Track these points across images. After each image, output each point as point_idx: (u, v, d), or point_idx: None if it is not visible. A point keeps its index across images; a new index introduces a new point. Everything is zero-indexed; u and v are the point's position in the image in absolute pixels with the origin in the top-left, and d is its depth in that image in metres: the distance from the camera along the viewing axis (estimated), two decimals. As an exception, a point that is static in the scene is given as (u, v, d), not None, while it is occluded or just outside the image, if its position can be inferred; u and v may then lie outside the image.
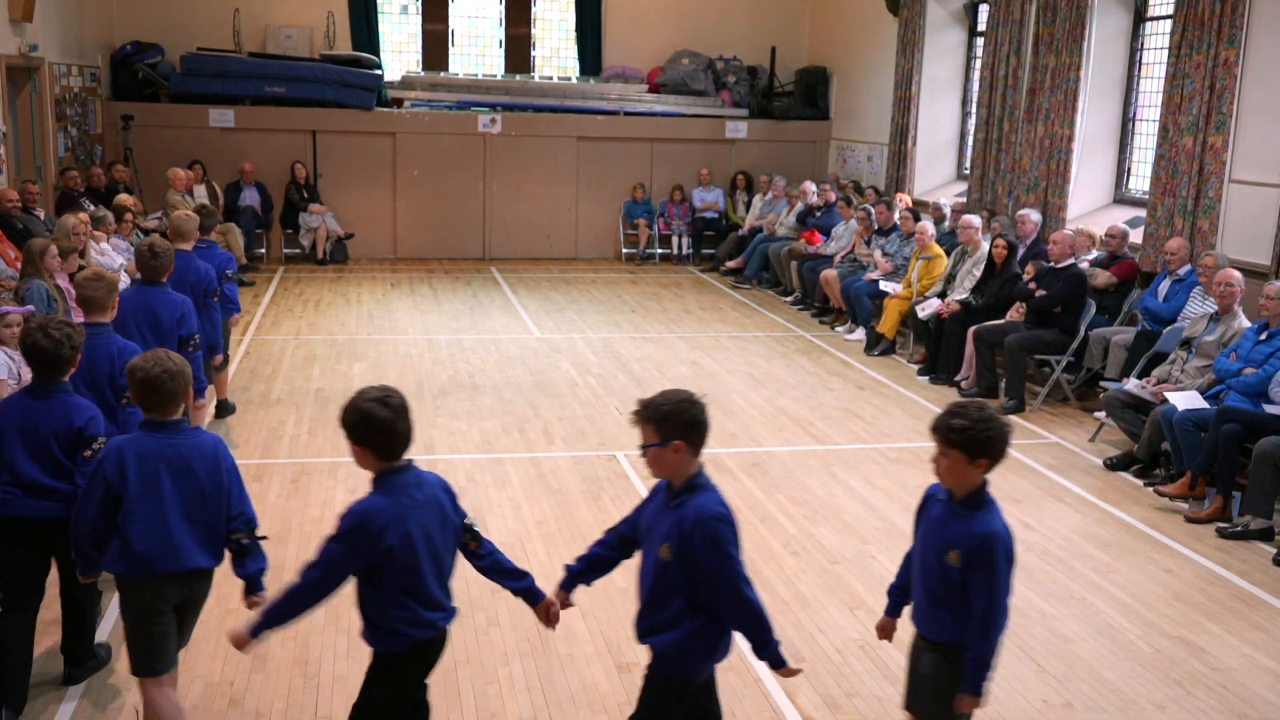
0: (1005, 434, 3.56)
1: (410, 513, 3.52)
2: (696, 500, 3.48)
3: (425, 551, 3.57)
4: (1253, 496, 6.77)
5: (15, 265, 8.84)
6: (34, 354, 4.39)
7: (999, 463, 3.58)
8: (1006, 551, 3.60)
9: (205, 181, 14.61)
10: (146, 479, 3.90)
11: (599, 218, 16.94)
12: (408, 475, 3.58)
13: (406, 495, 3.54)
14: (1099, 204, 11.81)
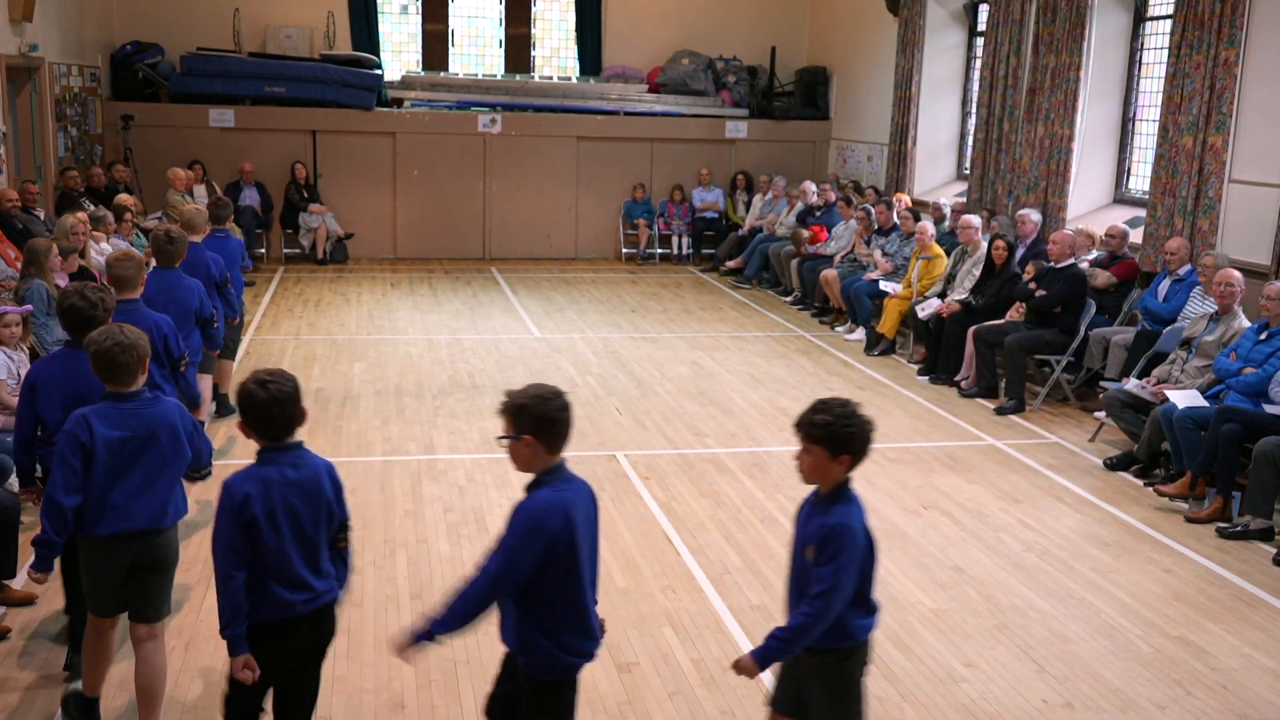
0: (867, 431, 3.51)
1: (276, 488, 3.58)
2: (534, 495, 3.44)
3: (289, 528, 3.60)
4: (1253, 496, 6.77)
5: (15, 265, 8.84)
6: (70, 315, 4.63)
7: (861, 460, 3.53)
8: (854, 547, 3.49)
9: (205, 181, 14.61)
10: (111, 448, 4.04)
11: (599, 218, 16.94)
12: (287, 454, 3.65)
13: (277, 471, 3.60)
14: (1099, 204, 11.81)
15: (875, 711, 4.77)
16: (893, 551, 6.44)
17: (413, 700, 4.74)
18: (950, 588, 5.99)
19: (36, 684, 4.80)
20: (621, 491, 7.25)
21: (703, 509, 7.00)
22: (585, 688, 4.86)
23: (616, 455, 7.98)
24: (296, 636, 3.69)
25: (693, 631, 5.42)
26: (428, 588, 5.78)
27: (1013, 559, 6.40)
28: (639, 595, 5.78)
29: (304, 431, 7.08)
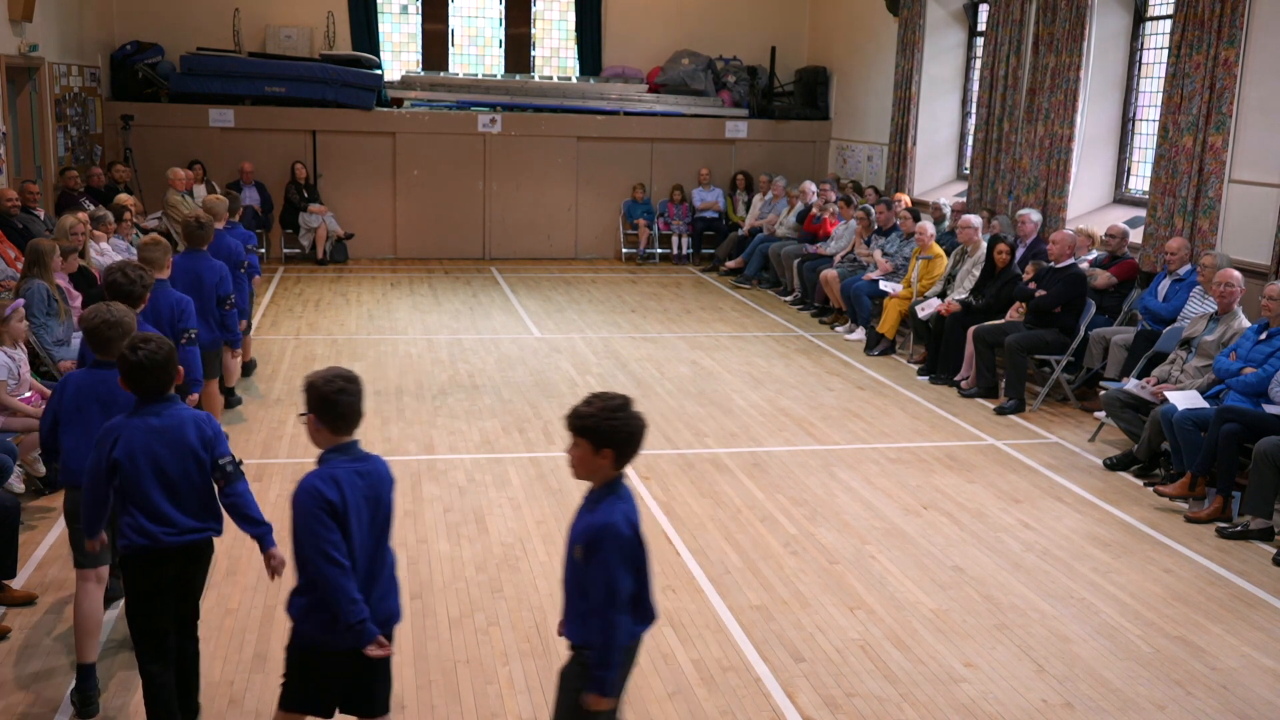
0: (632, 427, 3.52)
1: (137, 435, 4.06)
2: (308, 474, 3.69)
3: (149, 470, 4.07)
4: (1253, 496, 6.77)
5: (15, 265, 8.84)
6: (113, 289, 5.41)
7: (627, 457, 3.53)
8: (618, 543, 3.49)
9: (205, 181, 14.60)
10: (79, 405, 4.61)
11: (599, 218, 16.94)
12: (153, 407, 4.12)
13: (141, 421, 4.09)
14: (1099, 204, 11.81)
15: (876, 711, 4.77)
16: (893, 551, 6.45)
17: (413, 700, 4.74)
18: (950, 588, 6.00)
19: (37, 684, 4.80)
20: (621, 491, 7.25)
21: (703, 509, 7.00)
22: (585, 688, 4.86)
23: (616, 455, 7.97)
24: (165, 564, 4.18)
25: (693, 631, 5.42)
26: (427, 588, 5.78)
27: (1013, 559, 6.40)
28: (639, 595, 5.78)
29: (304, 431, 7.07)
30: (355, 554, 3.72)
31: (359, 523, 3.74)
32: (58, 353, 7.72)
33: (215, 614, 5.42)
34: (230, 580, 5.81)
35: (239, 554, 6.11)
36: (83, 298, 8.77)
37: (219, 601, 5.56)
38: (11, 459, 6.20)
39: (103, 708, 4.61)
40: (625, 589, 3.46)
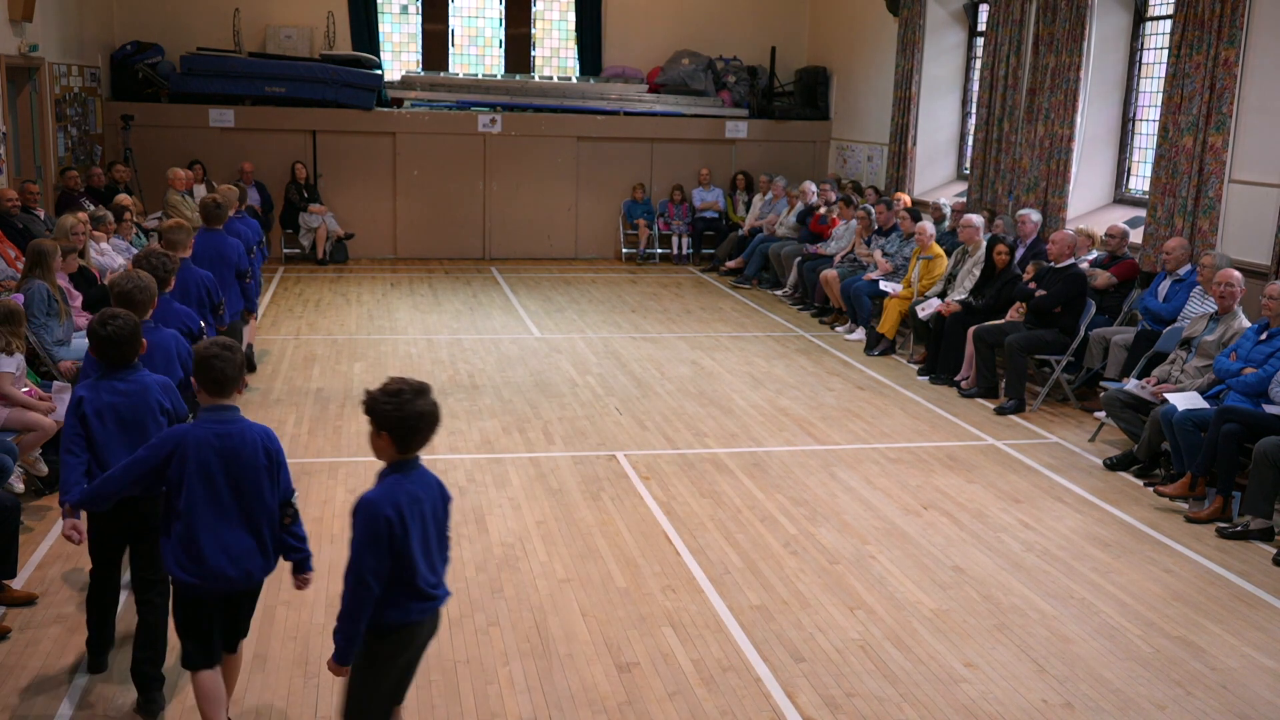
0: (405, 412, 3.53)
1: (104, 396, 4.52)
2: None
3: (115, 428, 4.48)
4: (1253, 496, 6.77)
5: (15, 265, 8.84)
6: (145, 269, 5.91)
7: (407, 441, 3.59)
8: (367, 521, 3.54)
9: (205, 181, 14.59)
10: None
11: (599, 218, 16.94)
12: (120, 373, 4.55)
13: (109, 384, 4.53)
14: (1099, 204, 11.81)
15: (876, 711, 4.77)
16: (893, 551, 6.45)
17: (413, 700, 4.74)
18: (950, 588, 5.99)
19: (37, 684, 4.80)
20: (621, 491, 7.26)
21: (703, 509, 7.00)
22: (585, 687, 4.87)
23: (616, 455, 7.98)
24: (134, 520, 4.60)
25: (693, 631, 5.42)
26: (428, 588, 5.78)
27: (1013, 559, 6.40)
28: (639, 595, 5.78)
29: (304, 431, 7.16)
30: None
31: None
32: (58, 353, 7.72)
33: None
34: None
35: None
36: (83, 298, 8.77)
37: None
38: (12, 459, 6.20)
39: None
40: (369, 565, 3.53)
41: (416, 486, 3.65)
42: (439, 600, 3.74)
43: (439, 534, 3.75)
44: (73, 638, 5.18)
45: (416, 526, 3.62)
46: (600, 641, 5.29)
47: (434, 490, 3.72)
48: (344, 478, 7.34)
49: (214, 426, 4.01)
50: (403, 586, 3.62)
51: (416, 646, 3.78)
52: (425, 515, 3.66)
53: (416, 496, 3.64)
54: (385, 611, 3.62)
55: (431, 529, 3.69)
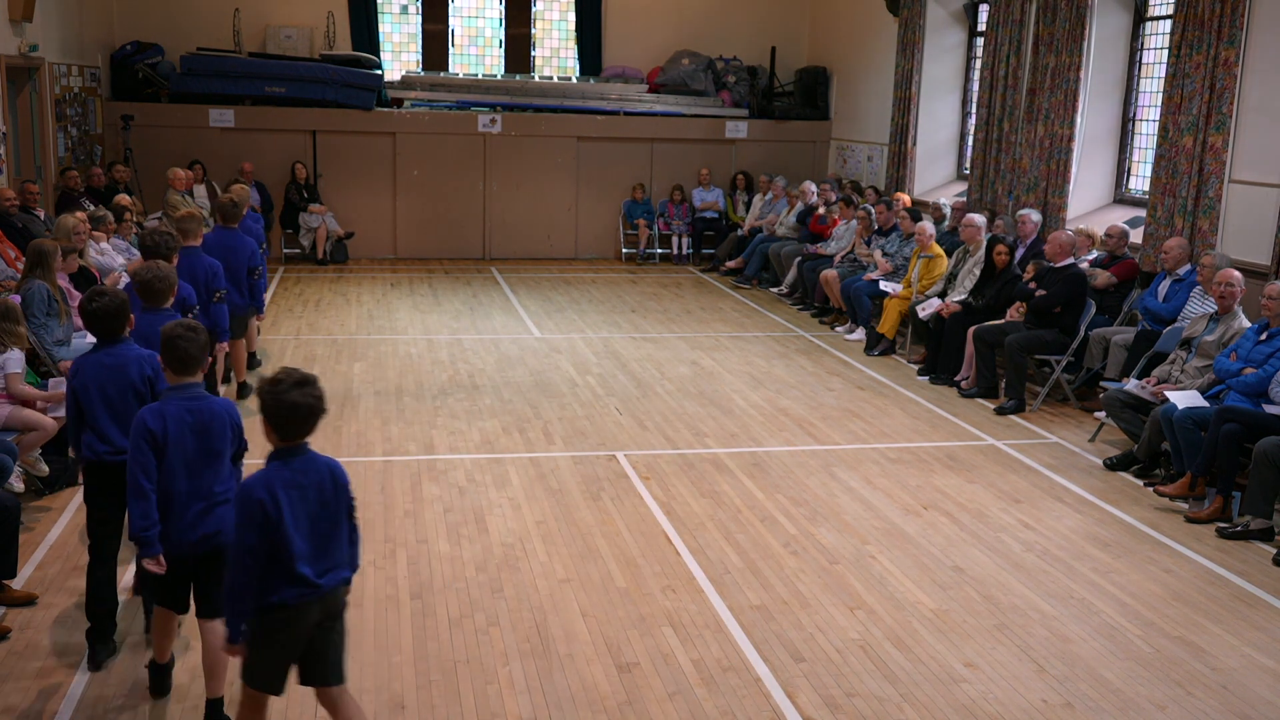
0: (278, 403, 3.70)
1: (90, 369, 4.86)
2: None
3: (98, 396, 4.82)
4: (1252, 496, 6.77)
5: (15, 265, 8.83)
6: (149, 249, 6.84)
7: (283, 430, 3.74)
8: (242, 504, 3.72)
9: (205, 181, 14.60)
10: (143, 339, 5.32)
11: (599, 218, 16.94)
12: (108, 348, 4.93)
13: (96, 358, 4.90)
14: (1099, 204, 11.81)
15: (876, 711, 4.77)
16: (893, 551, 6.45)
17: (413, 700, 4.74)
18: (950, 588, 5.99)
19: (37, 684, 4.80)
20: (621, 491, 7.25)
21: (703, 509, 7.00)
22: (585, 687, 4.87)
23: (616, 455, 7.98)
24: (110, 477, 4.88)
25: (693, 631, 5.42)
26: (427, 588, 5.78)
27: (1013, 559, 6.40)
28: (639, 595, 5.78)
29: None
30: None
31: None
32: (58, 353, 7.72)
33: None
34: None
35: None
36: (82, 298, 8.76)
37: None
38: (12, 459, 6.20)
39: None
40: (248, 544, 3.69)
41: (297, 474, 3.76)
42: (320, 589, 3.81)
43: (330, 520, 3.84)
44: (73, 637, 5.18)
45: (291, 512, 3.72)
46: (600, 641, 5.29)
47: (322, 477, 3.81)
48: (344, 478, 7.34)
49: (184, 403, 4.34)
50: (279, 569, 3.74)
51: (301, 628, 3.84)
52: (308, 501, 3.77)
53: (296, 483, 3.75)
54: (264, 592, 3.75)
55: (319, 515, 3.80)
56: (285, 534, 3.70)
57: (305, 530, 3.77)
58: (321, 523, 3.82)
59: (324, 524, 3.82)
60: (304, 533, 3.77)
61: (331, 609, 3.90)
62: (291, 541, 3.72)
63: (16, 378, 6.61)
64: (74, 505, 6.73)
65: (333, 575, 3.86)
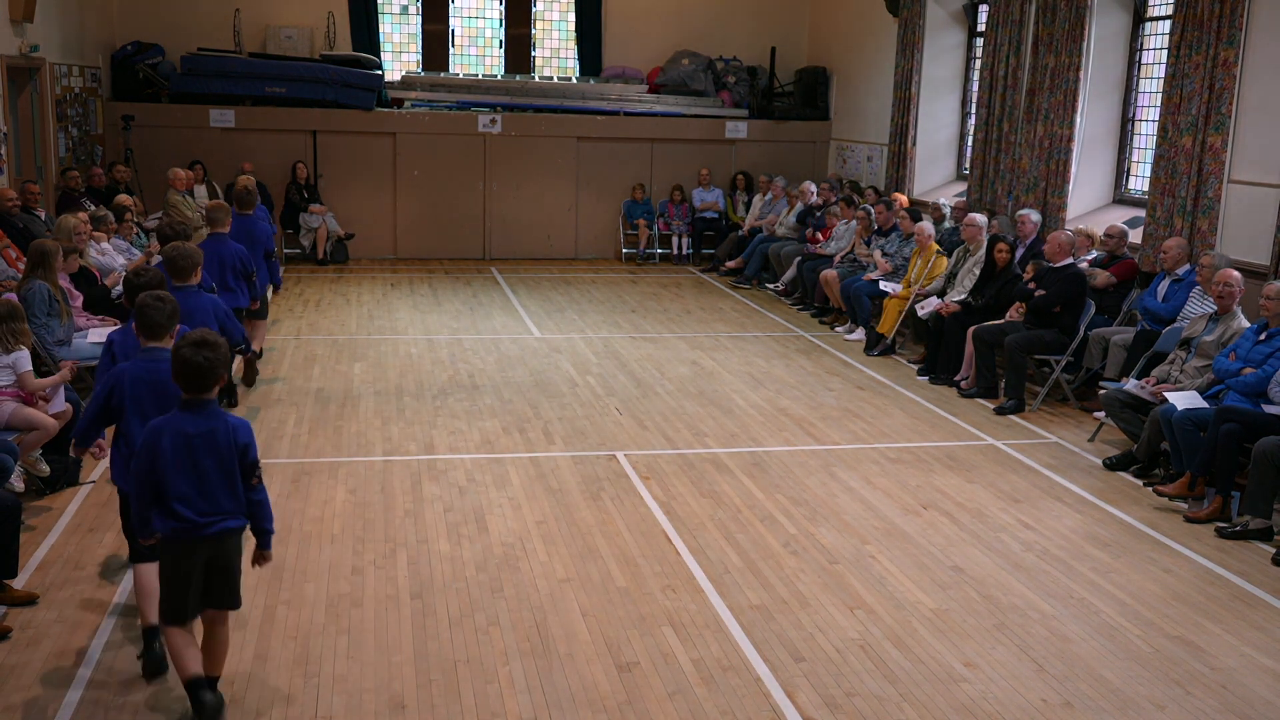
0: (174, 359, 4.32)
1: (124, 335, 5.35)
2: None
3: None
4: (1252, 496, 6.78)
5: (16, 266, 8.84)
6: (169, 233, 7.77)
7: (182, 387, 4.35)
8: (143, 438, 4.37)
9: (205, 181, 14.61)
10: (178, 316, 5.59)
11: (599, 218, 16.94)
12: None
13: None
14: (1098, 204, 11.82)
15: (876, 711, 4.78)
16: (893, 551, 6.45)
17: (413, 700, 4.75)
18: (950, 588, 6.00)
19: (37, 684, 4.80)
20: (621, 491, 7.26)
21: (703, 509, 7.01)
22: (585, 687, 4.88)
23: (616, 455, 7.99)
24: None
25: (693, 631, 5.42)
26: (428, 588, 5.79)
27: (1012, 559, 6.40)
28: (639, 595, 5.79)
29: (304, 431, 7.25)
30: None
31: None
32: (58, 353, 7.72)
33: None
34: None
35: (239, 554, 6.11)
36: (83, 298, 8.77)
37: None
38: (12, 459, 6.21)
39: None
40: (138, 470, 4.32)
41: (187, 425, 4.32)
42: (200, 528, 4.33)
43: (221, 472, 4.34)
44: (73, 637, 5.19)
45: (174, 457, 4.29)
46: (600, 641, 5.29)
47: (214, 433, 4.33)
48: (344, 477, 7.35)
49: (147, 365, 4.79)
50: (159, 501, 4.33)
51: (189, 563, 4.38)
52: (193, 450, 4.31)
53: (184, 433, 4.31)
54: (155, 519, 4.37)
55: (205, 462, 4.31)
56: (163, 474, 4.29)
57: (186, 475, 4.30)
58: (209, 473, 4.32)
59: (211, 474, 4.33)
60: (184, 476, 4.30)
61: (220, 551, 4.42)
62: (169, 482, 4.28)
63: (29, 375, 6.68)
64: (75, 505, 6.74)
65: (218, 522, 4.36)
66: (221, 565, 4.44)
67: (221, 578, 4.46)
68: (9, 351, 6.65)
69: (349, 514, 6.75)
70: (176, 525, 4.32)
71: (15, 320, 6.72)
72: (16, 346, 6.68)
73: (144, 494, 4.34)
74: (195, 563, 4.37)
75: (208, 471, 4.32)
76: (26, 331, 6.85)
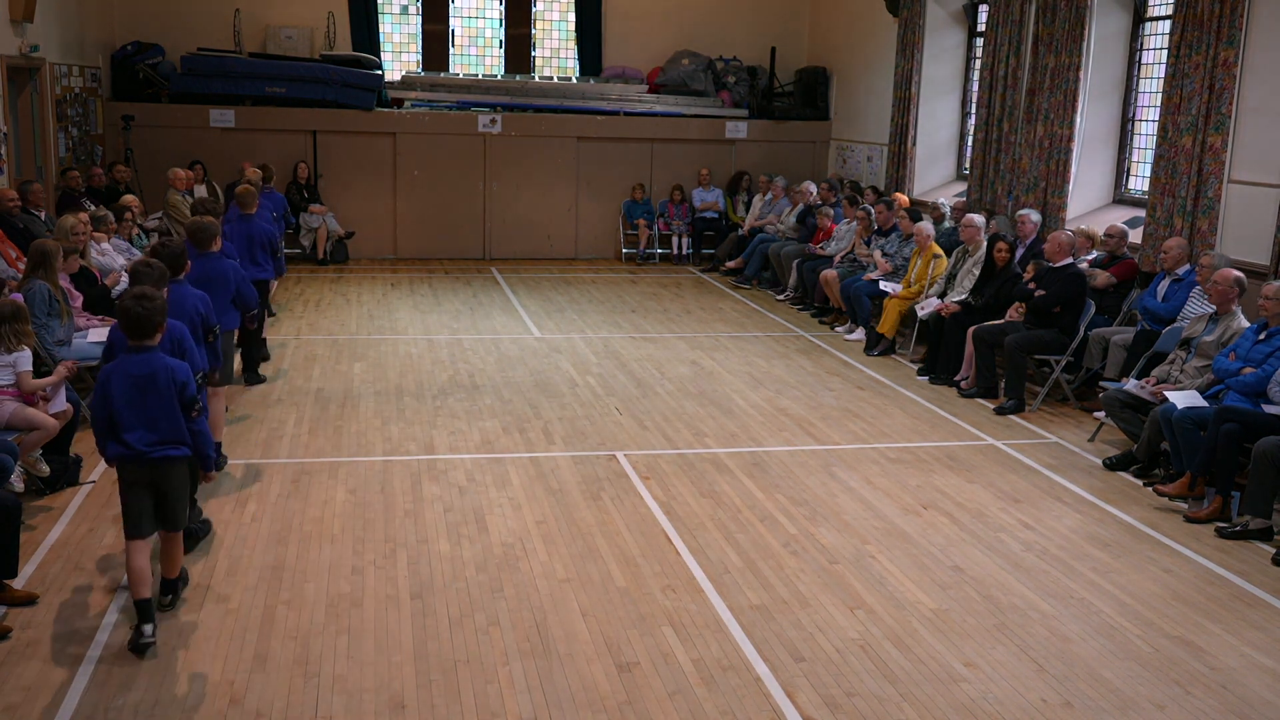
0: (118, 308, 5.11)
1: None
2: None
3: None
4: (1252, 496, 6.78)
5: (16, 266, 8.84)
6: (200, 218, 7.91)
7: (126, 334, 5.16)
8: (97, 383, 5.17)
9: (206, 181, 14.60)
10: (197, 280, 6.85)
11: (599, 218, 16.94)
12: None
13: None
14: (1099, 204, 11.82)
15: (876, 711, 4.78)
16: (893, 551, 6.45)
17: (413, 700, 4.75)
18: (950, 588, 6.00)
19: (37, 684, 4.81)
20: (621, 491, 7.26)
21: (703, 509, 7.01)
22: (585, 687, 4.88)
23: (616, 455, 7.99)
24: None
25: (693, 631, 5.42)
26: (428, 588, 5.79)
27: (1012, 559, 6.41)
28: (639, 595, 5.79)
29: (304, 431, 7.26)
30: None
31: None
32: (59, 353, 7.72)
33: (215, 614, 5.43)
34: (230, 580, 5.82)
35: (239, 554, 6.12)
36: (84, 298, 8.77)
37: (219, 602, 5.57)
38: (12, 459, 6.21)
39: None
40: (94, 404, 5.19)
41: (131, 366, 5.10)
42: (144, 455, 5.12)
43: (161, 408, 5.12)
44: (73, 637, 5.19)
45: (121, 393, 5.08)
46: (600, 641, 5.29)
47: (155, 374, 5.11)
48: (344, 477, 7.35)
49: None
50: (113, 433, 5.13)
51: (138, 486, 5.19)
52: (138, 388, 5.09)
53: (129, 373, 5.10)
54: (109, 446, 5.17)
55: (148, 401, 5.09)
56: (111, 406, 5.09)
57: (131, 408, 5.09)
58: (151, 407, 5.11)
59: (153, 409, 5.11)
60: (130, 409, 5.09)
61: (163, 475, 5.20)
62: (117, 413, 5.09)
63: (28, 375, 6.68)
64: (74, 505, 6.74)
65: (160, 449, 5.15)
66: (165, 490, 5.22)
67: (167, 501, 5.24)
68: (10, 351, 6.65)
69: (349, 514, 6.75)
70: (125, 452, 5.12)
71: (19, 320, 6.73)
72: (18, 347, 6.70)
73: (100, 427, 5.17)
74: (142, 484, 5.18)
75: (151, 407, 5.10)
76: (29, 332, 6.85)
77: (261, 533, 6.42)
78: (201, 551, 6.14)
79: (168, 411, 5.14)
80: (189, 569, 5.81)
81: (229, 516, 6.64)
